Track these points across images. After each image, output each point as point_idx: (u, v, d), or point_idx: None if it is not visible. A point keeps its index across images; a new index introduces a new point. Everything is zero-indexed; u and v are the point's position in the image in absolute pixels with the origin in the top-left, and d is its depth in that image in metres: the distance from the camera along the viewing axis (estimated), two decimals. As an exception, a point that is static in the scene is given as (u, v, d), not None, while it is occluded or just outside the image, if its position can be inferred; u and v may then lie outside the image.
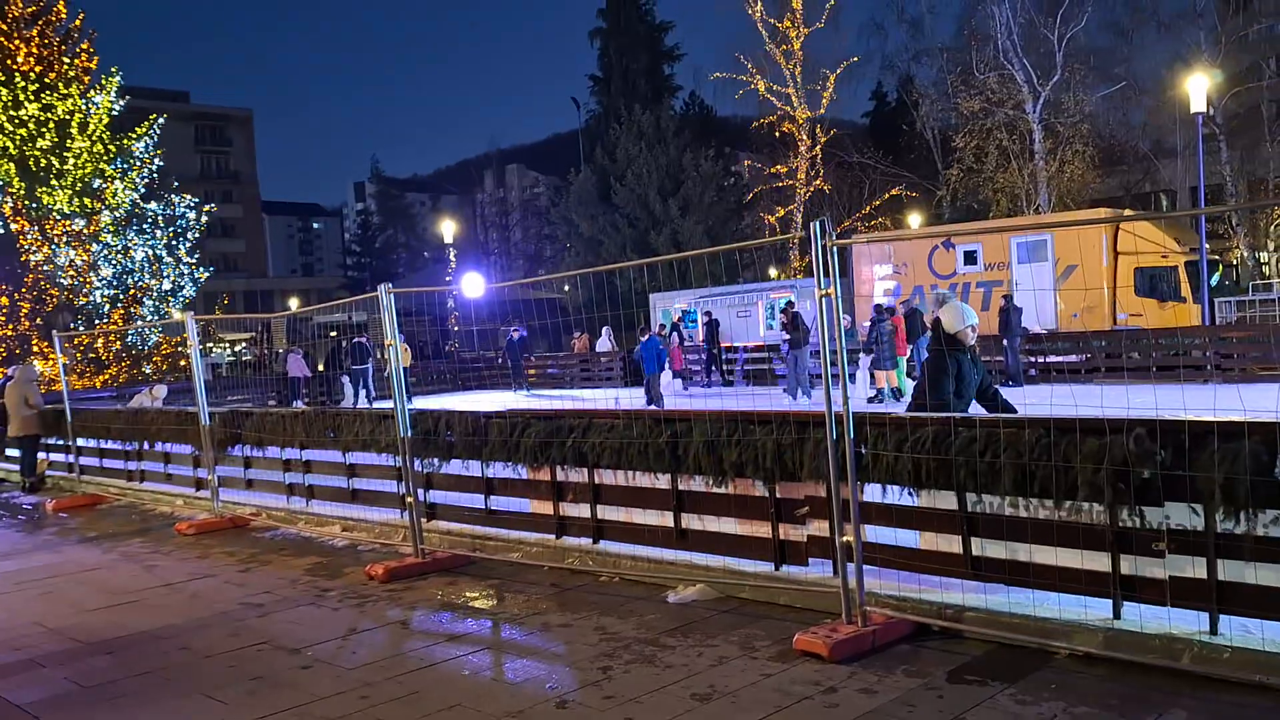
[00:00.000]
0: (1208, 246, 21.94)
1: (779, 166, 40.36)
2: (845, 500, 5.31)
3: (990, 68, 34.96)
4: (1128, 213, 24.80)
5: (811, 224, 5.31)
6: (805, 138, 39.86)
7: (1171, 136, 38.58)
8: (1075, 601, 4.93)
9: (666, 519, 6.73)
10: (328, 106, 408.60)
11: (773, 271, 44.38)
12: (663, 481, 6.67)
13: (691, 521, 6.63)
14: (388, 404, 8.21)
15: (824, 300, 5.30)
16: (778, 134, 40.36)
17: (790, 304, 21.05)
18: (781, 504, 6.07)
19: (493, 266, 65.91)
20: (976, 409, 6.35)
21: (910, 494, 5.46)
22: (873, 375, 17.96)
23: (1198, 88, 21.91)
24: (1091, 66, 35.43)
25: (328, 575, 7.80)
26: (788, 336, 19.13)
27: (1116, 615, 4.80)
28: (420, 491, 8.15)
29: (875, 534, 5.58)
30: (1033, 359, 19.80)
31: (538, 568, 7.30)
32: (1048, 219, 26.71)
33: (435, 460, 8.14)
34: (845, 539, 5.28)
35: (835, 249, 5.25)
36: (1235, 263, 38.35)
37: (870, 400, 17.38)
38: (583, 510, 7.31)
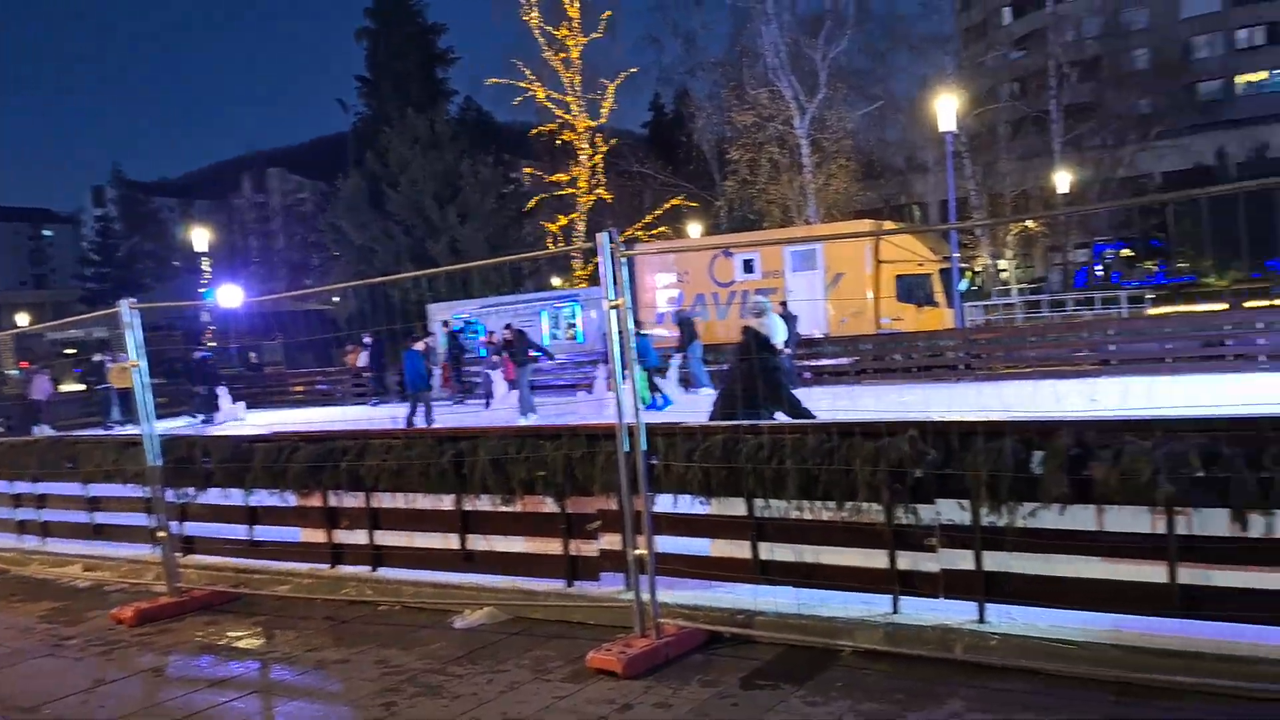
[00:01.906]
0: (957, 255, 23.74)
1: (560, 175, 40.41)
2: (638, 512, 5.21)
3: (761, 84, 36.45)
4: (888, 225, 26.49)
5: (599, 234, 5.13)
6: (586, 146, 40.12)
7: (923, 153, 41.68)
8: (859, 599, 5.06)
9: (451, 541, 6.43)
10: (59, 102, 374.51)
11: (555, 280, 44.40)
12: (446, 502, 6.36)
13: (478, 542, 6.35)
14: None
15: (614, 311, 5.17)
16: (558, 142, 40.41)
17: (509, 326, 21.20)
18: (573, 519, 5.92)
19: (253, 276, 62.22)
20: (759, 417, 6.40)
21: (701, 502, 5.44)
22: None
23: (946, 108, 23.68)
24: (852, 86, 37.67)
25: (67, 621, 6.97)
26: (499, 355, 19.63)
27: (895, 610, 4.95)
28: (174, 524, 7.43)
29: (668, 544, 5.51)
30: (807, 363, 20.72)
31: (311, 601, 6.79)
32: (820, 229, 28.09)
33: (191, 490, 7.45)
34: (638, 551, 5.17)
35: (625, 259, 5.13)
36: (980, 270, 41.87)
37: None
38: (359, 537, 6.87)
